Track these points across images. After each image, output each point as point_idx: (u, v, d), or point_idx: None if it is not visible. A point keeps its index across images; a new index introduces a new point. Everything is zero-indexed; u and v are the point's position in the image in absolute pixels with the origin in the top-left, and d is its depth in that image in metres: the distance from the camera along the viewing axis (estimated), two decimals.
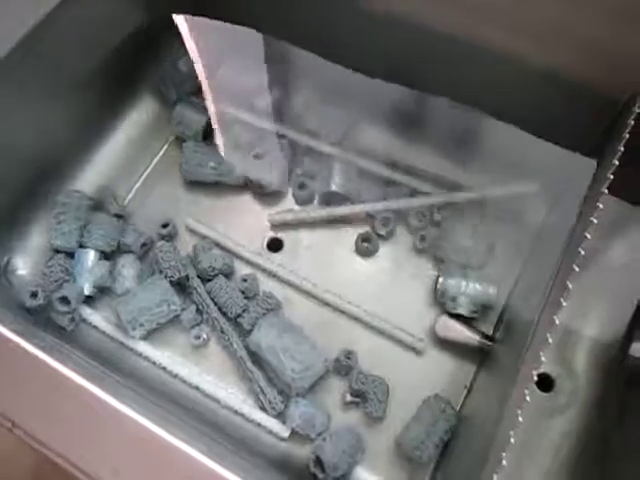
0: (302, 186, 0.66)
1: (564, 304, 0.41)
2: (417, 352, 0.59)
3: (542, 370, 0.57)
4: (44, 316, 0.58)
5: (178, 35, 0.71)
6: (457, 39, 0.55)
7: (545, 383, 0.57)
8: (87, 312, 0.60)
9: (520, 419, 0.38)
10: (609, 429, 0.53)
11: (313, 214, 0.65)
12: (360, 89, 0.65)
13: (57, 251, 0.62)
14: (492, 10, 0.52)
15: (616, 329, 0.57)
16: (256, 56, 0.72)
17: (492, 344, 0.56)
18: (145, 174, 0.69)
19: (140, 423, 0.39)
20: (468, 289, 0.58)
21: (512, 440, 0.37)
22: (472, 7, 0.53)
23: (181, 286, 0.61)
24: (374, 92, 0.64)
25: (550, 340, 0.40)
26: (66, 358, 0.43)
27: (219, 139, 0.70)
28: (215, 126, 0.70)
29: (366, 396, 0.55)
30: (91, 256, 0.61)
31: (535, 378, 0.39)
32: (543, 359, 0.39)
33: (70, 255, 0.62)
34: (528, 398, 0.38)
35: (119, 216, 0.65)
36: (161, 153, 0.70)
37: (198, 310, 0.60)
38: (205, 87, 0.72)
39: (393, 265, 0.64)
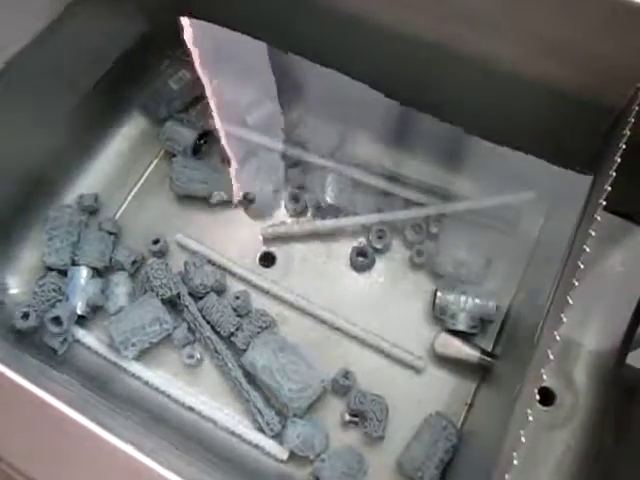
0: (295, 199, 0.66)
1: (564, 320, 0.40)
2: (416, 370, 0.58)
3: (542, 384, 0.56)
4: (36, 337, 0.58)
5: (169, 52, 0.72)
6: (443, 48, 0.54)
7: (545, 397, 0.56)
8: (80, 333, 0.59)
9: (523, 439, 0.37)
10: (610, 442, 0.53)
11: (306, 227, 0.64)
12: (353, 99, 0.65)
13: (50, 269, 0.61)
14: (478, 19, 0.51)
15: (615, 340, 0.57)
16: (249, 65, 0.72)
17: (492, 360, 0.56)
18: (135, 189, 0.68)
19: (127, 453, 0.37)
20: (467, 304, 0.58)
21: (515, 462, 0.36)
22: (457, 15, 0.52)
23: (173, 304, 0.60)
24: (367, 102, 0.64)
25: (551, 357, 0.39)
26: (50, 384, 0.42)
27: (209, 154, 0.70)
28: (205, 140, 0.70)
29: (365, 415, 0.54)
30: (84, 273, 0.60)
31: (537, 397, 0.39)
32: (545, 377, 0.38)
33: (63, 273, 0.61)
34: (531, 418, 0.37)
35: (111, 233, 0.64)
36: (151, 167, 0.70)
37: (190, 329, 0.59)
38: (197, 102, 0.72)
39: (389, 280, 0.63)
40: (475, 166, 0.66)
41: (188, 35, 0.71)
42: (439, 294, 0.58)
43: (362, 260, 0.62)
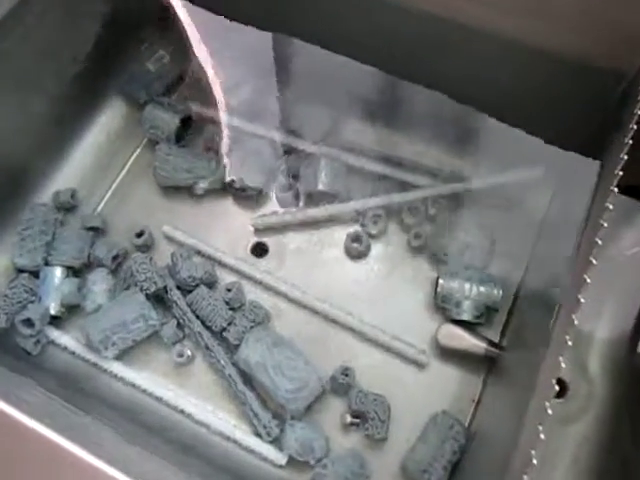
0: (286, 186, 0.63)
1: (582, 301, 0.37)
2: (419, 365, 0.56)
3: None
4: (10, 339, 0.56)
5: (146, 33, 0.69)
6: (444, 20, 0.52)
7: (559, 388, 0.54)
8: (55, 334, 0.57)
9: (542, 436, 0.34)
10: (627, 432, 0.50)
11: (299, 216, 0.62)
12: (343, 78, 0.62)
13: (21, 271, 0.58)
14: None
15: (629, 326, 0.54)
16: (234, 47, 0.68)
17: (500, 351, 0.54)
18: (117, 181, 0.66)
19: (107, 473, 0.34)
20: (472, 292, 0.55)
21: (534, 461, 0.34)
22: None
23: (159, 299, 0.58)
24: (358, 81, 0.62)
25: (570, 342, 0.36)
26: (17, 393, 0.39)
27: (194, 140, 0.67)
28: (189, 126, 0.67)
29: (366, 416, 0.52)
30: (57, 273, 0.58)
31: (556, 387, 0.36)
32: (563, 365, 0.36)
33: (35, 274, 0.58)
34: (550, 411, 0.35)
35: (96, 229, 0.62)
36: (133, 157, 0.67)
37: (179, 325, 0.57)
38: (178, 85, 0.70)
39: (387, 267, 0.60)
40: (475, 145, 0.64)
41: (168, 15, 0.68)
42: (441, 281, 0.56)
43: (357, 247, 0.60)
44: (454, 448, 0.50)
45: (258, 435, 0.53)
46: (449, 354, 0.56)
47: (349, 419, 0.53)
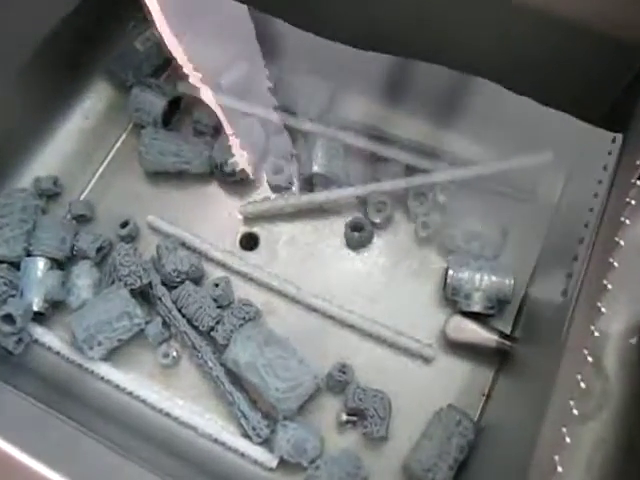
0: (278, 170, 0.61)
1: (609, 287, 0.36)
2: (425, 359, 0.54)
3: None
4: None
5: (133, 10, 0.66)
6: None
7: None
8: (38, 331, 0.55)
9: (568, 440, 0.33)
10: None
11: (293, 202, 0.59)
12: (341, 54, 0.59)
13: (0, 261, 0.56)
14: None
15: None
16: (223, 24, 0.66)
17: (512, 344, 0.52)
18: (102, 167, 0.64)
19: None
20: (483, 283, 0.53)
21: (559, 468, 0.33)
22: None
23: (144, 295, 0.56)
24: (357, 57, 0.58)
25: (597, 333, 0.36)
26: None
27: (181, 123, 0.65)
28: (177, 108, 0.65)
29: (365, 414, 0.51)
30: (40, 265, 0.56)
31: (582, 385, 0.35)
32: (590, 359, 0.35)
33: (16, 265, 0.56)
34: (576, 411, 0.34)
35: (80, 216, 0.60)
36: (119, 143, 0.65)
37: (165, 323, 0.55)
38: (166, 65, 0.67)
39: (391, 258, 0.58)
40: (484, 125, 0.61)
41: None
42: (451, 272, 0.55)
43: (358, 235, 0.58)
44: (461, 445, 0.48)
45: (247, 436, 0.51)
46: (457, 347, 0.54)
47: (345, 417, 0.51)
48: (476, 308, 0.53)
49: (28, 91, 0.60)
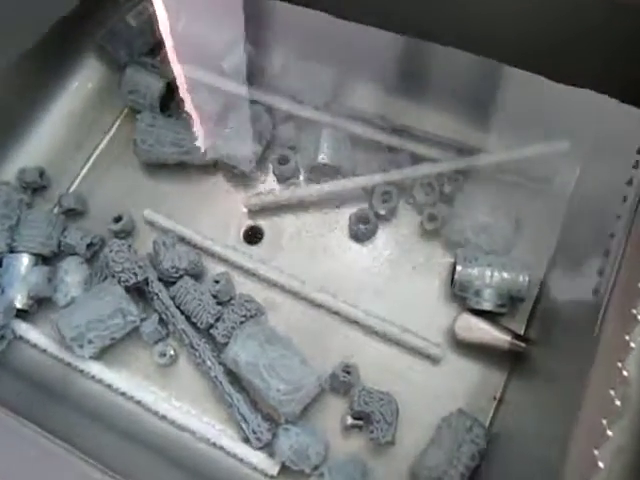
0: (283, 160, 0.60)
1: None
2: (433, 360, 0.53)
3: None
4: None
5: None
6: None
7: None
8: (22, 327, 0.54)
9: (601, 464, 0.32)
10: None
11: (298, 194, 0.59)
12: (348, 39, 0.59)
13: None
14: None
15: None
16: (224, 3, 0.66)
17: (526, 345, 0.51)
18: (93, 157, 0.63)
19: None
20: (494, 279, 0.52)
21: None
22: None
23: (140, 292, 0.55)
24: (365, 42, 0.58)
25: (633, 344, 0.34)
26: None
27: (181, 108, 0.63)
28: (176, 92, 0.63)
29: (371, 418, 0.50)
30: (24, 261, 0.55)
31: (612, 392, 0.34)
32: (625, 373, 0.33)
33: None
34: (610, 432, 0.33)
35: (70, 211, 0.59)
36: (113, 130, 0.64)
37: (161, 321, 0.54)
38: (163, 44, 0.66)
39: (397, 252, 0.58)
40: (496, 113, 0.61)
41: None
42: (459, 267, 0.54)
43: (364, 228, 0.57)
44: (472, 452, 0.47)
45: (247, 441, 0.50)
46: (467, 348, 0.53)
47: (350, 421, 0.51)
48: (486, 306, 0.52)
49: (8, 71, 0.57)
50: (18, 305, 0.54)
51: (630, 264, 0.36)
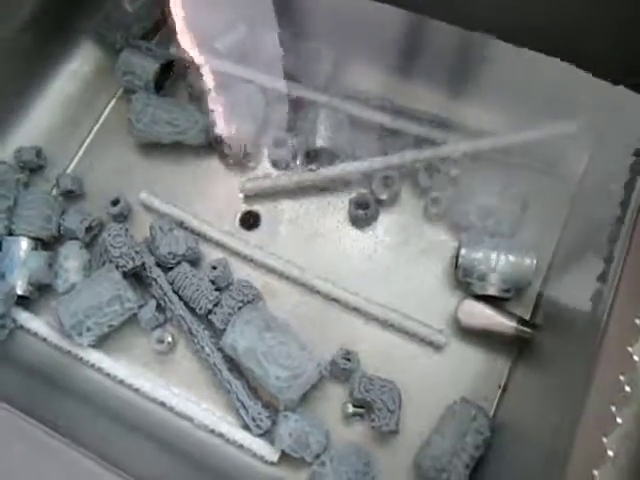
0: (280, 143, 0.60)
1: None
2: (436, 347, 0.53)
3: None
4: None
5: None
6: None
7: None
8: (23, 317, 0.55)
9: (610, 453, 0.32)
10: None
11: (296, 179, 0.59)
12: (346, 16, 0.59)
13: None
14: None
15: None
16: None
17: (532, 331, 0.51)
18: (89, 137, 0.63)
19: None
20: (499, 263, 0.52)
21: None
22: None
23: (137, 278, 0.56)
24: (363, 18, 0.58)
25: None
26: None
27: (175, 89, 0.64)
28: (170, 73, 0.64)
29: (373, 406, 0.50)
30: (23, 245, 0.55)
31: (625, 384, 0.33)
32: (636, 358, 0.33)
33: None
34: (619, 420, 0.33)
35: (68, 192, 0.59)
36: (107, 110, 0.64)
37: (159, 307, 0.55)
38: (158, 27, 0.66)
39: (399, 238, 0.58)
40: (502, 94, 0.60)
41: None
42: (463, 251, 0.53)
43: (363, 213, 0.57)
44: (477, 442, 0.47)
45: (246, 428, 0.51)
46: (471, 334, 0.53)
47: (351, 409, 0.51)
48: (491, 291, 0.52)
49: (6, 52, 0.58)
50: (19, 291, 0.54)
51: (639, 247, 0.36)
